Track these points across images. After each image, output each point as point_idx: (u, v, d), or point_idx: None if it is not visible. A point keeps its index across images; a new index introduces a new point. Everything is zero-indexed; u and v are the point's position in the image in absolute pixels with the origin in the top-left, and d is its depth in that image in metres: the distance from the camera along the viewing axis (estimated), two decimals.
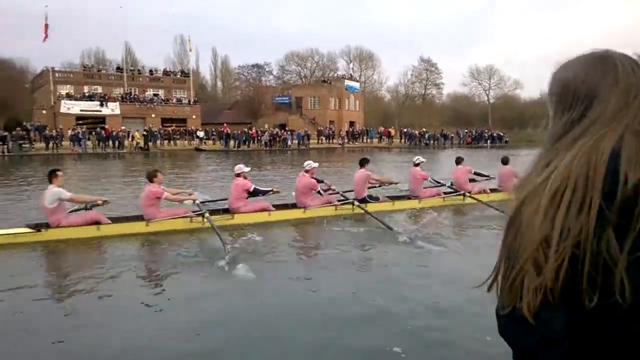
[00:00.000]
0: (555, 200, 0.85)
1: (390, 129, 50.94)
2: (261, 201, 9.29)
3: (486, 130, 52.35)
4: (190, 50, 55.56)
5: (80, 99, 44.41)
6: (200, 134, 41.77)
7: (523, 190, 0.92)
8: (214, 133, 42.44)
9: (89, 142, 35.20)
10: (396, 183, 11.20)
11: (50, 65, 47.19)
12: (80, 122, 41.41)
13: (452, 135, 50.10)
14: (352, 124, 57.39)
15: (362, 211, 9.33)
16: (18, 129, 33.58)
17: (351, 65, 76.72)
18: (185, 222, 8.24)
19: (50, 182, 7.58)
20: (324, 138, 46.72)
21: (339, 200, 9.82)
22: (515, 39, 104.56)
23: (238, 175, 9.12)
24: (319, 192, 9.58)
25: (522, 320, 0.87)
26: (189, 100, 51.55)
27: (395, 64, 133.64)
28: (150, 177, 8.29)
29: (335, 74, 66.65)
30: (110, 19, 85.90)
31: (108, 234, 7.71)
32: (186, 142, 40.60)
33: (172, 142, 39.69)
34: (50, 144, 33.21)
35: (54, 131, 34.74)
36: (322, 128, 48.83)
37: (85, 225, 7.71)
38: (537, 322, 0.87)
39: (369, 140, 49.83)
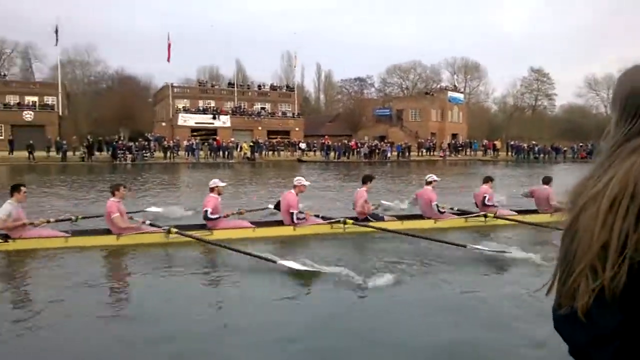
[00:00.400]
0: (614, 207, 0.85)
1: (495, 142, 48.85)
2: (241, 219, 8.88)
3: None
4: (295, 66, 57.70)
5: (195, 113, 48.02)
6: (303, 145, 43.14)
7: (581, 195, 0.93)
8: (315, 145, 43.60)
9: (201, 152, 37.81)
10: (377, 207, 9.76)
11: (169, 82, 51.57)
12: (195, 133, 44.70)
13: (566, 149, 46.84)
14: (454, 136, 55.87)
15: (360, 226, 8.55)
16: (141, 139, 37.14)
17: (455, 77, 74.93)
18: (157, 236, 7.68)
19: (12, 195, 7.29)
20: (424, 150, 46.00)
21: (324, 218, 8.86)
22: (636, 46, 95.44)
23: (212, 189, 8.38)
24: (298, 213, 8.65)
25: (576, 319, 0.89)
26: (293, 114, 53.47)
27: (503, 75, 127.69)
28: (112, 191, 7.84)
29: (439, 86, 65.41)
30: (225, 38, 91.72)
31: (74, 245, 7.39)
32: (289, 153, 42.11)
33: (276, 153, 41.39)
34: (168, 154, 36.17)
35: (171, 142, 37.83)
36: (422, 140, 48.12)
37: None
38: (590, 321, 0.87)
39: (472, 153, 48.16)
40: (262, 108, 53.00)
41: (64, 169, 28.43)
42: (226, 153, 38.12)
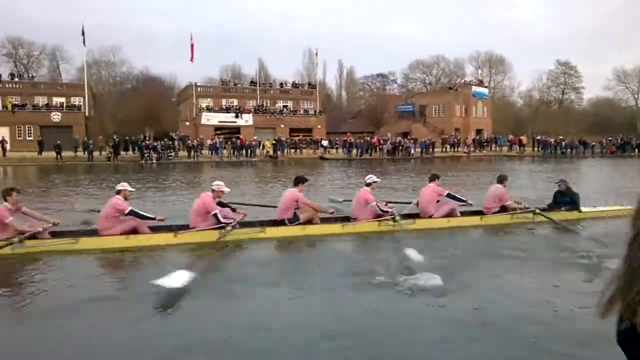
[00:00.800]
0: None
1: (521, 137, 47.96)
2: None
3: (633, 138, 46.92)
4: (317, 64, 57.61)
5: (219, 111, 48.42)
6: (325, 143, 43.10)
7: None
8: (338, 142, 43.48)
9: (224, 151, 38.09)
10: (331, 212, 8.78)
11: (193, 81, 52.10)
12: (218, 132, 45.07)
13: (594, 143, 45.73)
14: (479, 131, 55.11)
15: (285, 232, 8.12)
16: (166, 139, 37.63)
17: (480, 71, 73.85)
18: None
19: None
20: (448, 146, 45.46)
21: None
22: None
23: (118, 192, 7.68)
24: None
25: (635, 335, 0.84)
26: (315, 111, 53.44)
27: (529, 69, 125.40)
28: (4, 196, 7.13)
29: (463, 81, 64.55)
30: (247, 37, 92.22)
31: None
32: (311, 150, 42.11)
33: (298, 150, 41.43)
34: (192, 153, 36.54)
35: (195, 141, 38.21)
36: (446, 136, 47.56)
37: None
38: None
39: (497, 148, 47.41)
40: (284, 106, 53.12)
41: (91, 169, 28.97)
42: (249, 151, 38.31)
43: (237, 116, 47.82)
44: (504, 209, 9.41)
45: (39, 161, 32.99)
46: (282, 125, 49.17)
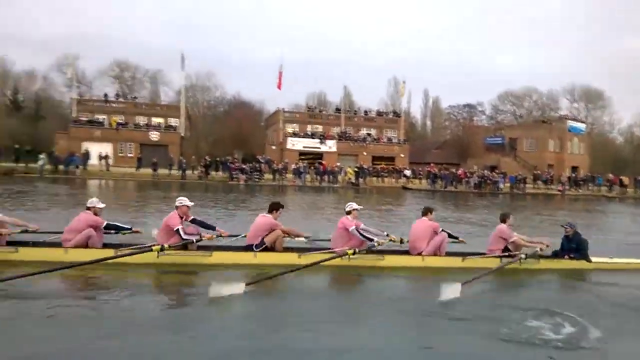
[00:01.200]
0: None
1: (622, 177, 44.41)
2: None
3: None
4: (402, 95, 57.21)
5: (303, 137, 49.46)
6: (407, 172, 42.43)
7: None
8: (421, 172, 42.68)
9: (308, 176, 38.63)
10: (307, 237, 8.68)
11: (280, 107, 53.75)
12: (302, 157, 45.93)
13: None
14: (574, 169, 51.81)
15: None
16: (253, 162, 38.92)
17: (575, 105, 69.99)
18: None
19: None
20: (540, 183, 43.05)
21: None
22: None
23: (88, 208, 7.92)
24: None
25: None
26: (399, 140, 53.03)
27: (630, 104, 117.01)
28: None
29: (558, 114, 61.38)
30: (334, 65, 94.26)
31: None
32: (393, 179, 41.62)
33: (380, 179, 41.10)
34: (277, 176, 37.41)
35: (280, 164, 39.15)
36: (539, 172, 45.14)
37: None
38: None
39: (595, 188, 44.18)
40: (368, 134, 53.25)
41: (183, 186, 30.45)
42: (331, 177, 38.58)
43: (321, 142, 48.57)
44: (507, 250, 8.41)
45: (136, 176, 35.24)
46: (365, 153, 49.23)
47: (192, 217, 8.17)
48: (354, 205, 8.48)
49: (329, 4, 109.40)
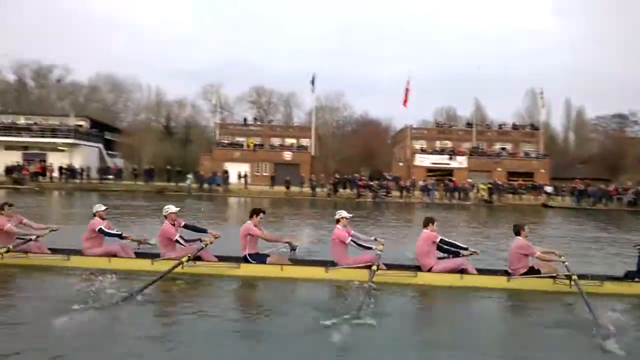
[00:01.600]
0: None
1: None
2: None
3: None
4: (542, 107, 53.18)
5: (432, 153, 48.34)
6: (549, 189, 39.18)
7: None
8: (564, 189, 39.12)
9: (436, 193, 37.55)
10: (285, 242, 8.36)
11: (408, 123, 53.24)
12: (430, 174, 44.87)
13: None
14: None
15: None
16: (381, 179, 38.91)
17: None
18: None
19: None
20: None
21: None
22: None
23: (94, 215, 8.46)
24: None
25: None
26: (538, 154, 49.36)
27: None
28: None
29: None
30: (463, 79, 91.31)
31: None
32: (532, 197, 38.70)
33: (517, 196, 38.48)
34: (404, 193, 36.92)
35: (407, 181, 38.62)
36: None
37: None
38: None
39: None
40: (502, 148, 50.36)
41: (313, 203, 31.47)
42: (462, 194, 37.07)
43: (451, 158, 47.05)
44: (531, 269, 7.58)
45: (270, 194, 37.22)
46: (499, 169, 46.59)
47: (183, 223, 8.59)
48: (343, 213, 8.31)
49: (459, 17, 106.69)
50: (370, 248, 8.08)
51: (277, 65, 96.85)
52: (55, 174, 39.23)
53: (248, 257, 8.10)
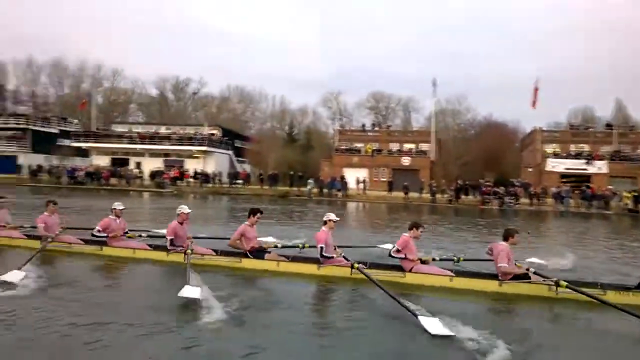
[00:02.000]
0: None
1: None
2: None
3: None
4: None
5: (566, 158, 44.48)
6: None
7: None
8: None
9: (571, 201, 34.53)
10: (273, 246, 9.35)
11: (538, 126, 49.65)
12: (564, 180, 41.36)
13: None
14: None
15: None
16: (508, 185, 36.68)
17: None
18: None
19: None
20: None
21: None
22: None
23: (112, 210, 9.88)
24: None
25: None
26: None
27: None
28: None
29: None
30: (600, 77, 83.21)
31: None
32: None
33: None
34: (534, 200, 34.45)
35: (538, 188, 35.98)
36: None
37: None
38: None
39: None
40: None
41: (433, 210, 30.64)
42: (601, 202, 33.61)
43: (588, 163, 42.94)
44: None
45: (388, 199, 36.98)
46: None
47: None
48: (331, 216, 8.49)
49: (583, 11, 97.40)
50: (330, 257, 8.22)
51: (396, 70, 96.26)
52: (191, 178, 42.79)
53: (248, 253, 8.73)
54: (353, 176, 42.18)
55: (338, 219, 8.65)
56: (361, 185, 40.38)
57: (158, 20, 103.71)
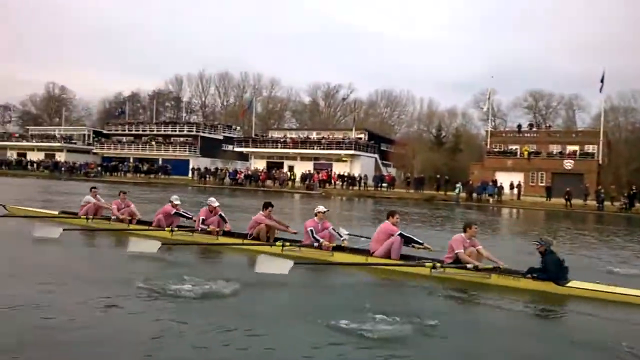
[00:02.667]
0: None
1: None
2: None
3: None
4: None
5: None
6: None
7: None
8: None
9: None
10: (294, 233, 9.90)
11: None
12: None
13: None
14: None
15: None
16: None
17: None
18: None
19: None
20: None
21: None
22: None
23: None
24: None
25: None
26: None
27: None
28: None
29: None
30: None
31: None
32: None
33: None
34: None
35: None
36: None
37: None
38: None
39: None
40: None
41: (600, 219, 27.42)
42: None
43: None
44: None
45: (546, 206, 34.00)
46: None
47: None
48: (320, 208, 9.58)
49: None
50: (318, 240, 9.11)
51: (557, 66, 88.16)
52: (338, 181, 44.10)
53: (247, 236, 9.99)
54: (506, 180, 39.57)
55: (327, 209, 9.69)
56: (515, 191, 37.73)
57: (311, 29, 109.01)
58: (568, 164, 43.80)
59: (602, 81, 43.01)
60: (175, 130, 62.85)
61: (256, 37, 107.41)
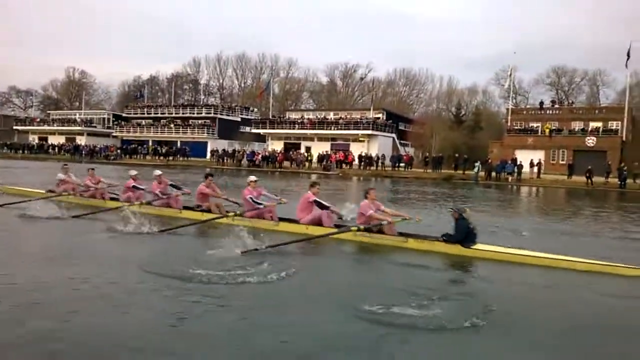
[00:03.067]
0: None
1: None
2: None
3: None
4: None
5: None
6: None
7: None
8: None
9: None
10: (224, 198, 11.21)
11: None
12: None
13: None
14: None
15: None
16: None
17: None
18: None
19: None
20: None
21: None
22: None
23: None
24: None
25: None
26: None
27: None
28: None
29: None
30: None
31: None
32: None
33: None
34: None
35: None
36: None
37: None
38: None
39: None
40: None
41: (622, 197, 26.88)
42: None
43: None
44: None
45: (567, 184, 33.43)
46: None
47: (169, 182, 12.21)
48: (252, 178, 10.67)
49: None
50: (260, 204, 10.16)
51: (581, 42, 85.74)
52: (355, 161, 43.93)
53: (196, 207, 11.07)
54: (527, 159, 38.91)
55: (257, 179, 10.68)
56: (535, 169, 37.13)
57: (330, 9, 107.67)
58: (590, 141, 42.85)
59: (628, 55, 41.70)
60: (194, 113, 63.17)
61: (273, 19, 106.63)
